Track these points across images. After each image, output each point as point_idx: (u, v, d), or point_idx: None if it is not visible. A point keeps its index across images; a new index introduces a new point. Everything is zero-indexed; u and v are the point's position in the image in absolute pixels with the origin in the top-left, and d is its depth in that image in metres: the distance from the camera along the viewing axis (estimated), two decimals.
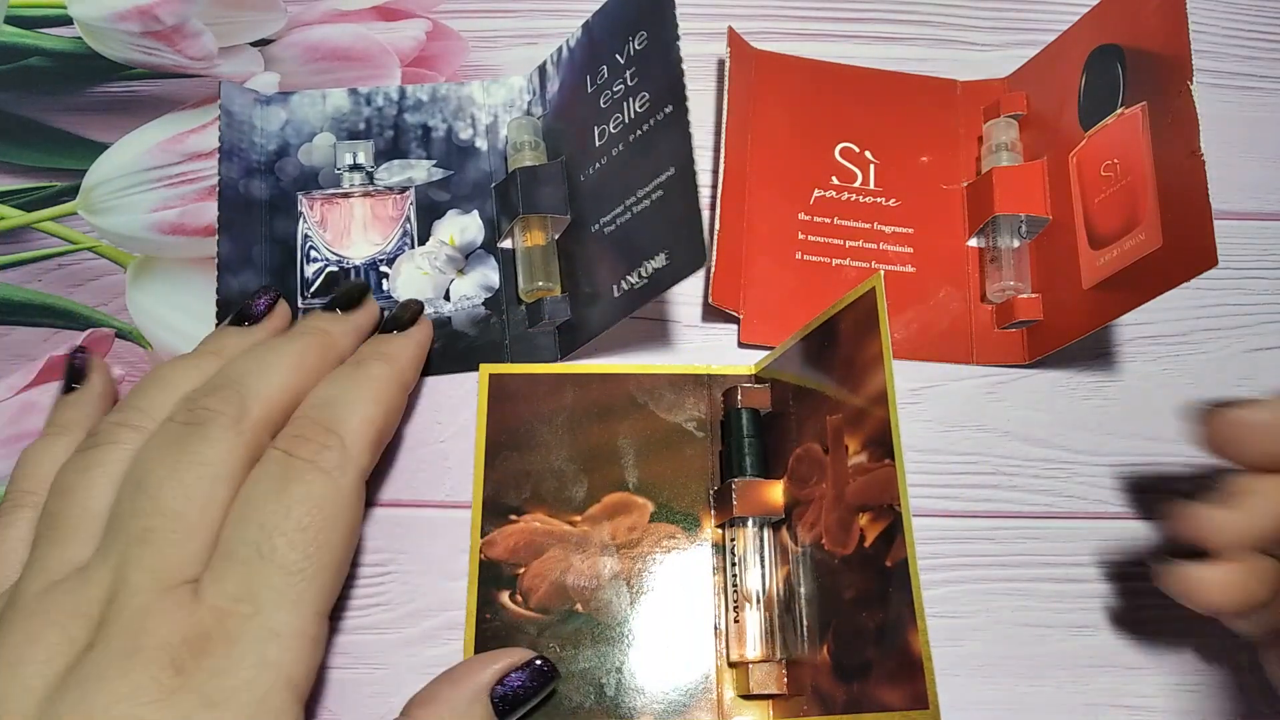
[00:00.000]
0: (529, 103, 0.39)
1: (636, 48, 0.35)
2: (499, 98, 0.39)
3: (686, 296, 0.38)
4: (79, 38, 0.40)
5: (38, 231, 0.37)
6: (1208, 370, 0.38)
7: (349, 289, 0.33)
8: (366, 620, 0.33)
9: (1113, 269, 0.33)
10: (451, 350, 0.36)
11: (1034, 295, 0.37)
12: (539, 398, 0.35)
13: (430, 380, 0.36)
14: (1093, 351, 0.37)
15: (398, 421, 0.32)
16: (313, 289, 0.36)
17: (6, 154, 0.38)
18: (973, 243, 0.39)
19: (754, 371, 0.35)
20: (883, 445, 0.27)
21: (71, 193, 0.38)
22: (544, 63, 0.39)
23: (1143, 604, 0.34)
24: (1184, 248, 0.30)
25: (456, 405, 0.35)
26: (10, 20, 0.40)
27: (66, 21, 0.40)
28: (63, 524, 0.26)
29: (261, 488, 0.26)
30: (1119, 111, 0.34)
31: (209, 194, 0.38)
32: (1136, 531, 0.35)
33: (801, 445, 0.32)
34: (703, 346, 0.37)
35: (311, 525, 0.26)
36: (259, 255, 0.36)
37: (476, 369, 0.35)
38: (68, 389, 0.32)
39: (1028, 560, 0.34)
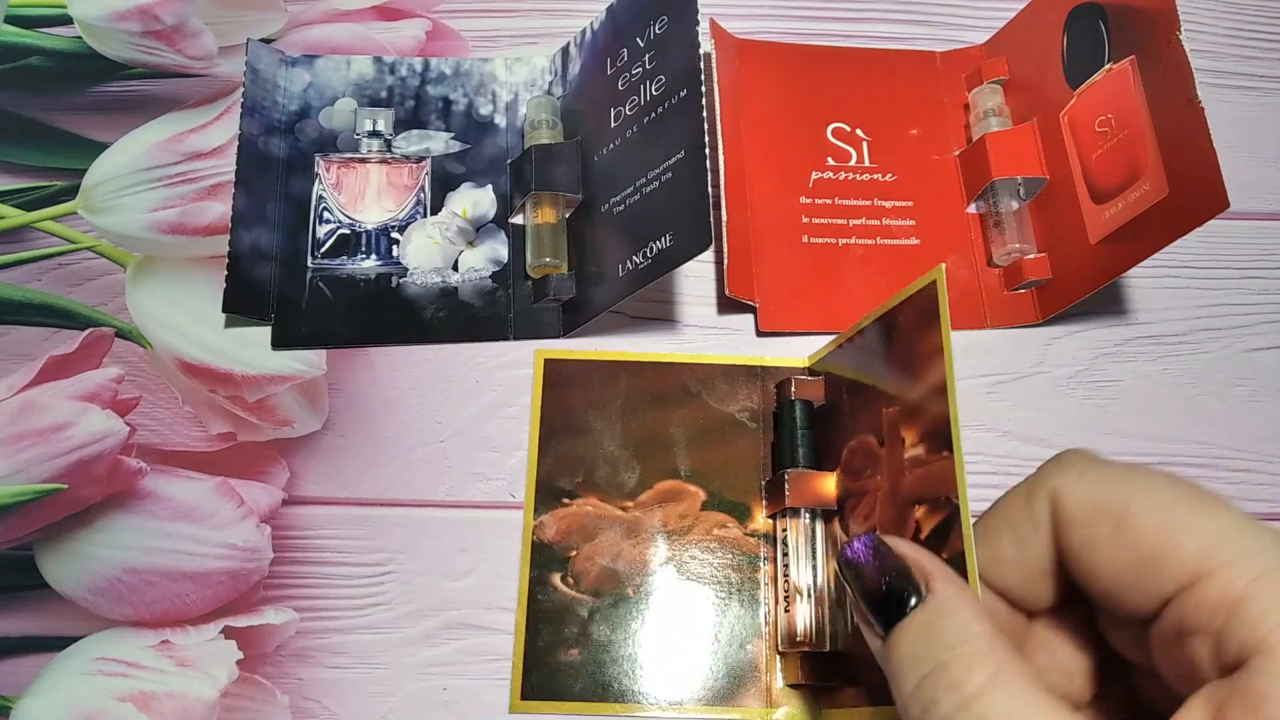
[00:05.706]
0: (550, 83, 0.40)
1: (657, 31, 0.35)
2: (521, 76, 0.40)
3: (697, 297, 0.38)
4: (79, 37, 0.40)
5: (38, 231, 0.37)
6: (1208, 370, 0.37)
7: None
8: (366, 620, 0.33)
9: (1120, 221, 0.33)
10: (456, 321, 0.36)
11: (1040, 255, 0.37)
12: (593, 384, 0.35)
13: (430, 381, 0.36)
14: (1093, 351, 0.37)
15: None
16: (323, 249, 0.37)
17: (6, 154, 0.38)
18: (972, 209, 0.39)
19: (807, 364, 0.35)
20: (941, 438, 0.27)
21: (71, 192, 0.38)
22: (568, 44, 0.39)
23: None
24: (1192, 194, 0.31)
25: (456, 405, 0.35)
26: (10, 20, 0.40)
27: (66, 21, 0.40)
28: None
29: None
30: (1107, 67, 0.34)
31: (208, 194, 0.38)
32: None
33: (855, 438, 0.32)
34: (717, 346, 0.37)
35: None
36: (273, 212, 0.37)
37: (478, 340, 0.36)
38: None
39: None
